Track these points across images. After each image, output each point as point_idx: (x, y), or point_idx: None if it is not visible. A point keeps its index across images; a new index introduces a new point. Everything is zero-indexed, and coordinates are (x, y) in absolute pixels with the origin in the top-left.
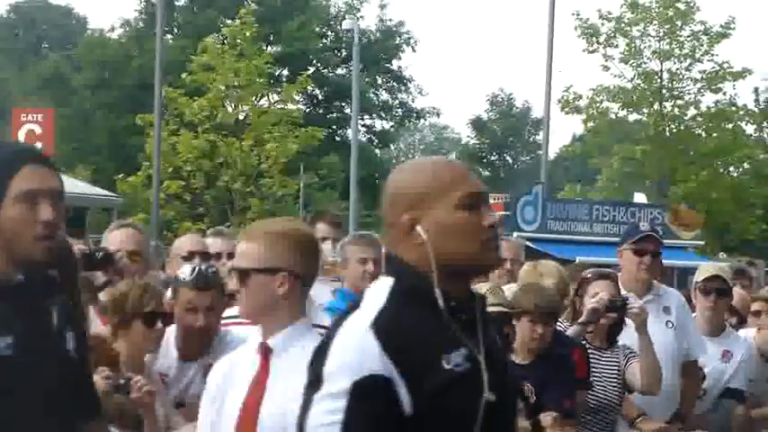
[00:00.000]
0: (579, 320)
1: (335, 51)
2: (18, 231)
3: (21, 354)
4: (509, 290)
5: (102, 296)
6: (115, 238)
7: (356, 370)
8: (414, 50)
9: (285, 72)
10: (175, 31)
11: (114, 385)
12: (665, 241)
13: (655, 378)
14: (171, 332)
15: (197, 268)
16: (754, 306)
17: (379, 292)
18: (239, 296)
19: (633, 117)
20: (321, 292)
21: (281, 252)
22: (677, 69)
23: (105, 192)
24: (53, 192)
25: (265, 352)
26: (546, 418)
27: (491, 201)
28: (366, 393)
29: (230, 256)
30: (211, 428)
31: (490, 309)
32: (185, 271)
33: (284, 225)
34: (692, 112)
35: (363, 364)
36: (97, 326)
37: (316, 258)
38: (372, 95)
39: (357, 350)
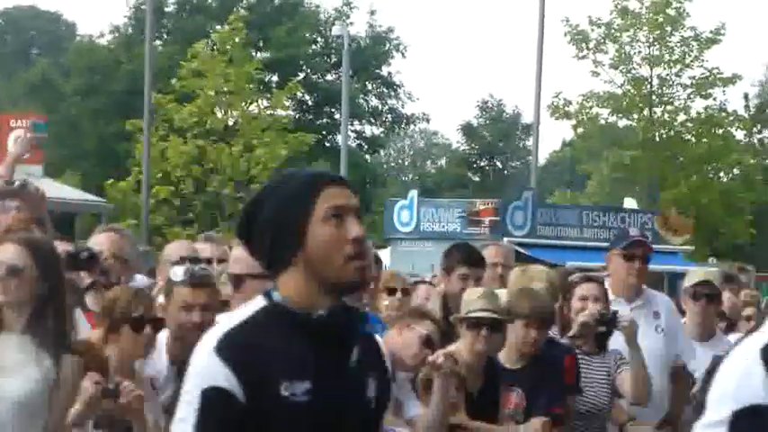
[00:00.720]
0: (569, 334)
1: (325, 57)
2: (328, 253)
3: (319, 401)
4: (501, 295)
5: (89, 298)
6: (98, 242)
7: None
8: (404, 56)
9: (275, 78)
10: (165, 36)
11: (103, 390)
12: (654, 246)
13: (644, 390)
14: (163, 337)
15: (189, 268)
16: (746, 311)
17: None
18: (233, 302)
19: (623, 123)
20: None
21: None
22: (667, 75)
23: (94, 197)
24: (357, 210)
25: None
26: (537, 423)
27: (482, 206)
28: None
29: (220, 261)
30: None
31: (484, 314)
32: (177, 272)
33: None
34: (681, 117)
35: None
36: (84, 329)
37: None
38: (362, 101)
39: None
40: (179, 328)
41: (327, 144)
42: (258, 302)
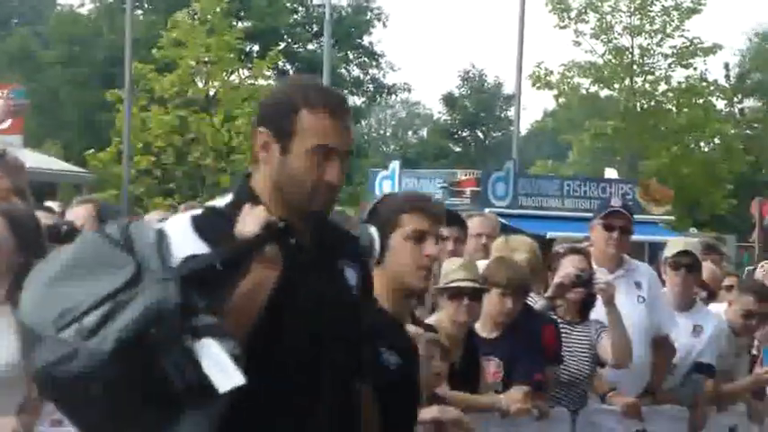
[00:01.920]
0: (546, 294)
1: (306, 27)
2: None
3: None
4: (482, 265)
5: None
6: (76, 214)
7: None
8: (385, 26)
9: (256, 47)
10: (146, 6)
11: None
12: (635, 217)
13: (624, 351)
14: None
15: None
16: (727, 281)
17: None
18: None
19: (604, 93)
20: None
21: None
22: (648, 45)
23: (75, 168)
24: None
25: None
26: (517, 392)
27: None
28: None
29: None
30: None
31: (465, 284)
32: None
33: None
34: (662, 87)
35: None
36: None
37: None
38: (344, 71)
39: None
40: None
41: None
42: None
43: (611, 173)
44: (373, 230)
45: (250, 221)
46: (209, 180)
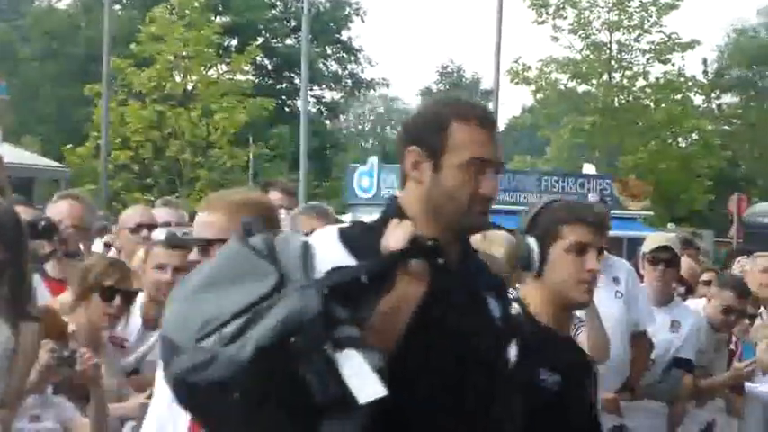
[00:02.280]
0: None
1: (285, 22)
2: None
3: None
4: None
5: (48, 266)
6: (57, 210)
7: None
8: (363, 21)
9: (234, 42)
10: (124, 1)
11: (59, 358)
12: (613, 212)
13: (601, 346)
14: (139, 299)
15: (171, 230)
16: (705, 276)
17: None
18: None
19: (582, 88)
20: None
21: (235, 221)
22: (626, 40)
23: (53, 162)
24: None
25: None
26: None
27: None
28: None
29: (178, 225)
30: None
31: None
32: (159, 234)
33: (247, 196)
34: (640, 83)
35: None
36: (43, 297)
37: (273, 227)
38: (322, 66)
39: None
40: (153, 287)
41: (287, 109)
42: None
43: (589, 168)
44: (533, 242)
45: (396, 235)
46: (188, 175)
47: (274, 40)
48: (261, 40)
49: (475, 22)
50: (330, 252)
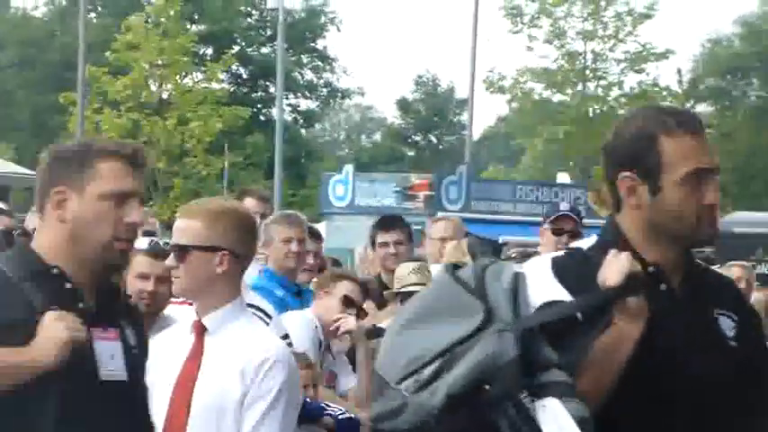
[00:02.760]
0: None
1: (260, 30)
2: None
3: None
4: (433, 269)
5: None
6: (37, 221)
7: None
8: (339, 30)
9: (209, 51)
10: (99, 9)
11: None
12: (588, 221)
13: None
14: None
15: (153, 240)
16: None
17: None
18: (176, 273)
19: (557, 98)
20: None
21: (222, 231)
22: (601, 50)
23: (28, 171)
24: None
25: (200, 331)
26: None
27: (417, 181)
28: None
29: (148, 234)
30: None
31: (417, 288)
32: (142, 242)
33: (226, 204)
34: (615, 92)
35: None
36: None
37: (254, 239)
38: (297, 75)
39: None
40: (136, 296)
41: (262, 118)
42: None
43: (563, 177)
44: None
45: (614, 270)
46: (162, 183)
47: (250, 49)
48: (236, 48)
49: (450, 31)
50: (543, 285)
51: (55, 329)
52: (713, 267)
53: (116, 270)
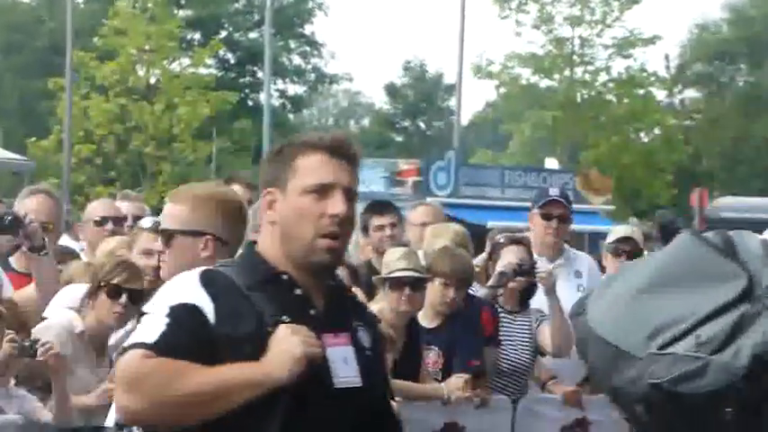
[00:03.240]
0: (488, 284)
1: (248, 15)
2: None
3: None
4: (420, 254)
5: (12, 260)
6: (28, 206)
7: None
8: (326, 15)
9: (197, 36)
10: None
11: (20, 347)
12: (575, 206)
13: (564, 340)
14: None
15: (156, 220)
16: None
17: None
18: (163, 257)
19: (545, 83)
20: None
21: (208, 216)
22: (588, 35)
23: (16, 156)
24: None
25: None
26: (457, 381)
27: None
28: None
29: (136, 218)
30: None
31: (406, 273)
32: (146, 222)
33: (212, 189)
34: (602, 78)
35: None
36: (7, 289)
37: (242, 225)
38: (285, 60)
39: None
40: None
41: (250, 103)
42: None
43: (551, 163)
44: None
45: None
46: (150, 168)
47: (237, 34)
48: (224, 33)
49: (438, 16)
50: None
51: (289, 344)
52: None
53: (327, 269)
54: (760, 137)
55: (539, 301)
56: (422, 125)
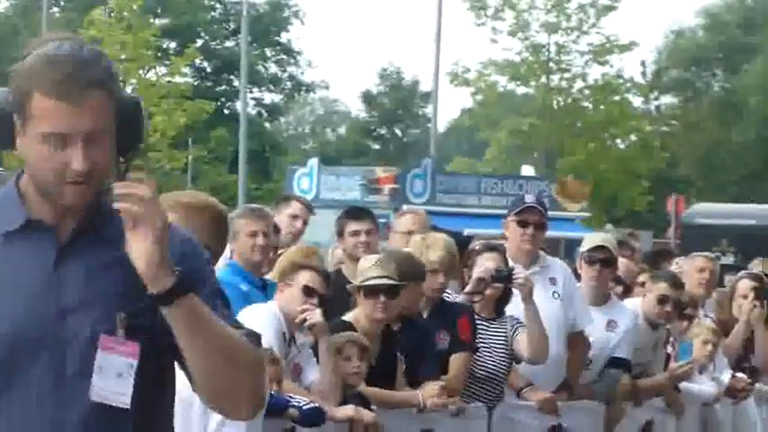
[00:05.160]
0: (465, 290)
1: (224, 24)
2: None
3: None
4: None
5: None
6: None
7: None
8: (302, 23)
9: (173, 45)
10: (62, 4)
11: None
12: (551, 213)
13: (541, 347)
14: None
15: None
16: (641, 278)
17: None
18: None
19: (521, 90)
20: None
21: (201, 227)
22: (564, 42)
23: None
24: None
25: None
26: (433, 386)
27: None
28: None
29: None
30: None
31: (380, 281)
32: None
33: (196, 197)
34: (579, 84)
35: None
36: None
37: (225, 233)
38: (261, 68)
39: None
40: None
41: (227, 111)
42: None
43: (528, 170)
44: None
45: None
46: None
47: (213, 43)
48: (200, 42)
49: (414, 24)
50: None
51: None
52: (677, 259)
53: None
54: (736, 143)
55: (514, 308)
56: (398, 133)
